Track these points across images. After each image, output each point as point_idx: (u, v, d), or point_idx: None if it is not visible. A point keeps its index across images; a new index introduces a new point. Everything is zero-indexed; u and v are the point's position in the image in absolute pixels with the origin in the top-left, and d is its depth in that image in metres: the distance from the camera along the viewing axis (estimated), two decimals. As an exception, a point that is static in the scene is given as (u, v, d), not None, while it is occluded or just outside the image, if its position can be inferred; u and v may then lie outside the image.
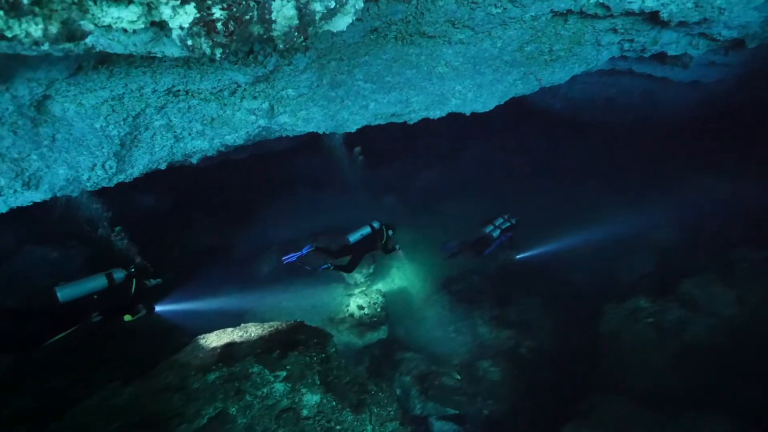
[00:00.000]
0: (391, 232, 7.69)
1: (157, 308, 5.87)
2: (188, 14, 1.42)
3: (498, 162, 14.80)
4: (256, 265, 10.23)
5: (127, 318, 4.92)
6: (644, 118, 12.16)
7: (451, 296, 9.84)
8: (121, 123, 3.85)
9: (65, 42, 1.35)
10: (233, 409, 4.28)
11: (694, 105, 10.92)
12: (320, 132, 5.55)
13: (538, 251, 10.29)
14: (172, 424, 4.07)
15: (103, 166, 4.19)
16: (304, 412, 4.44)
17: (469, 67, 5.22)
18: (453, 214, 12.53)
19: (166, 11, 1.41)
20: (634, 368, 7.21)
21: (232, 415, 4.24)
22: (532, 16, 4.44)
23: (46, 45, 1.32)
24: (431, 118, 6.08)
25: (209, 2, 1.44)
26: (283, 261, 7.15)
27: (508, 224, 9.10)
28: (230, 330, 5.47)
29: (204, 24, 1.45)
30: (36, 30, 1.24)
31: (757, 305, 7.22)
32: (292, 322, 5.60)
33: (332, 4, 1.84)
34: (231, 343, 5.12)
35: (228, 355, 4.86)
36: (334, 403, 4.58)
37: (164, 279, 5.72)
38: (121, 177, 4.60)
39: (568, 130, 14.23)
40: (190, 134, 4.55)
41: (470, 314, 9.34)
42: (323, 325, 8.00)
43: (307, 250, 7.03)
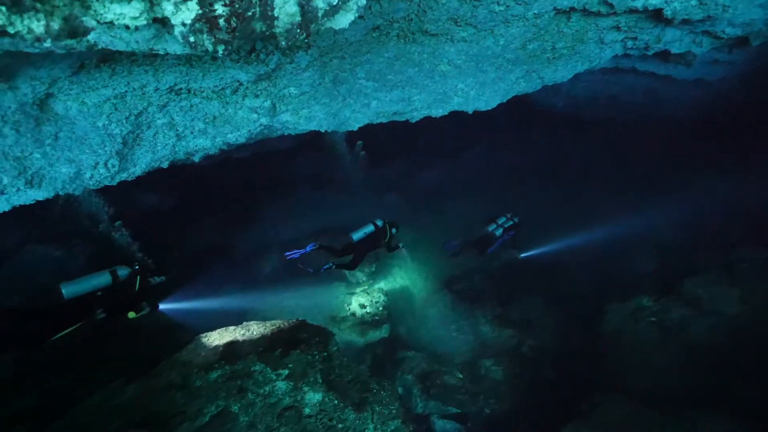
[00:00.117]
0: (394, 230, 7.67)
1: (160, 306, 5.88)
2: (190, 11, 1.41)
3: (500, 160, 14.78)
4: (258, 264, 10.24)
5: (131, 315, 4.93)
6: (647, 116, 12.11)
7: (453, 295, 9.84)
8: (124, 121, 3.85)
9: (67, 38, 1.35)
10: (235, 407, 4.29)
11: (697, 103, 10.86)
12: (322, 130, 5.54)
13: (542, 250, 10.25)
14: (175, 422, 4.08)
15: (105, 164, 4.19)
16: (306, 411, 4.45)
17: (472, 65, 5.20)
18: (455, 212, 12.53)
19: (168, 8, 1.40)
20: (636, 368, 7.19)
21: (235, 413, 4.25)
22: (534, 13, 4.42)
23: (48, 41, 1.31)
24: (433, 116, 6.06)
25: (211, -1, 1.42)
26: (286, 257, 7.15)
27: (511, 223, 9.08)
28: (232, 328, 5.48)
29: (206, 20, 1.44)
30: (38, 26, 1.24)
31: (760, 305, 7.18)
32: (294, 321, 5.61)
33: (334, 1, 1.83)
34: (233, 342, 5.13)
35: (230, 354, 4.87)
36: (336, 402, 4.58)
37: (168, 277, 5.72)
38: (124, 175, 4.60)
39: (571, 129, 14.19)
40: (192, 133, 4.55)
41: (472, 313, 9.34)
42: (325, 323, 8.01)
43: (311, 248, 7.01)
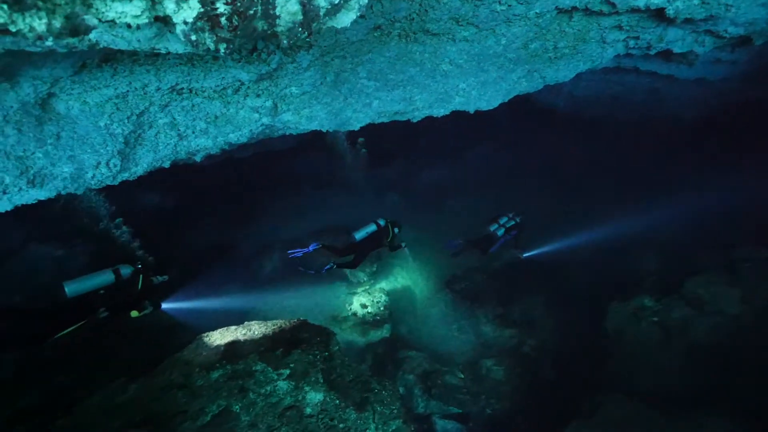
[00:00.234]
0: (396, 230, 7.67)
1: (162, 305, 5.89)
2: (192, 9, 1.40)
3: (502, 160, 14.78)
4: (259, 264, 10.25)
5: (134, 314, 4.93)
6: (649, 116, 12.08)
7: (454, 295, 9.84)
8: (125, 121, 3.85)
9: (69, 37, 1.34)
10: (237, 407, 4.29)
11: (699, 103, 10.84)
12: (323, 130, 5.54)
13: (544, 250, 10.24)
14: (176, 421, 4.08)
15: (107, 164, 4.19)
16: (308, 410, 4.45)
17: (473, 65, 5.19)
18: (456, 212, 12.54)
19: (170, 6, 1.40)
20: (638, 368, 7.18)
21: (236, 413, 4.25)
22: (536, 13, 4.41)
23: (50, 40, 1.31)
24: (435, 116, 6.05)
25: (213, -3, 1.42)
26: (289, 254, 7.18)
27: (513, 223, 9.07)
28: (234, 328, 5.48)
29: (208, 19, 1.44)
30: (40, 24, 1.24)
31: (762, 305, 7.17)
32: (296, 321, 5.61)
33: (336, 0, 1.83)
34: (234, 341, 5.13)
35: (232, 353, 4.88)
36: (338, 402, 4.58)
37: (169, 276, 5.73)
38: (126, 175, 4.60)
39: (572, 128, 14.18)
40: (193, 132, 4.55)
41: (473, 313, 9.34)
42: (326, 323, 8.01)
43: (314, 247, 7.02)
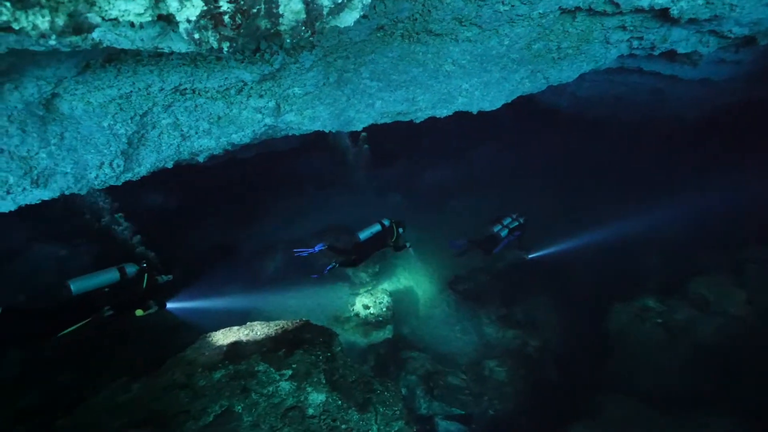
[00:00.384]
0: (401, 230, 7.65)
1: (167, 305, 5.88)
2: (195, 7, 1.40)
3: (505, 161, 14.76)
4: (262, 264, 10.26)
5: (139, 313, 4.93)
6: (652, 116, 12.04)
7: (457, 295, 9.82)
8: (129, 121, 3.86)
9: (72, 35, 1.34)
10: (239, 407, 4.29)
11: (703, 103, 10.79)
12: (326, 131, 5.54)
13: (549, 251, 10.20)
14: (179, 421, 4.09)
15: (110, 164, 4.20)
16: (310, 411, 4.44)
17: (476, 65, 5.18)
18: (459, 212, 12.53)
19: (173, 4, 1.39)
20: (642, 368, 7.15)
21: (238, 413, 4.25)
22: (540, 13, 4.40)
23: (53, 38, 1.31)
24: (438, 116, 6.04)
25: (216, -5, 1.41)
26: (294, 253, 7.21)
27: (516, 224, 9.05)
28: (236, 328, 5.49)
29: (211, 17, 1.43)
30: (43, 22, 1.24)
31: (767, 306, 7.13)
32: (298, 321, 5.60)
33: None
34: (237, 342, 5.13)
35: (234, 353, 4.88)
36: (340, 402, 4.58)
37: (174, 276, 5.74)
38: (129, 175, 4.60)
39: (576, 129, 14.15)
40: (196, 133, 4.56)
41: (476, 313, 9.32)
42: (328, 324, 8.02)
43: (319, 248, 7.01)
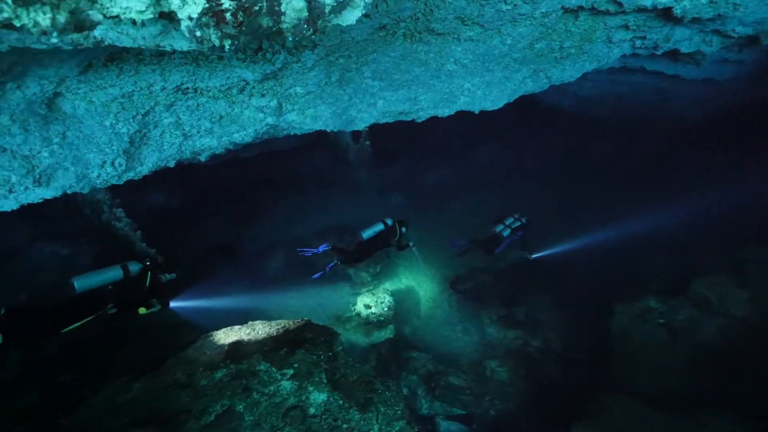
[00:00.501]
0: (404, 229, 7.65)
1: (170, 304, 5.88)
2: (197, 4, 1.39)
3: (507, 160, 14.74)
4: (263, 263, 10.27)
5: (142, 311, 4.94)
6: (655, 116, 12.01)
7: (458, 295, 9.81)
8: (131, 120, 3.87)
9: (74, 32, 1.34)
10: (240, 407, 4.29)
11: (705, 103, 10.75)
12: (328, 130, 5.54)
13: (553, 251, 10.17)
14: (180, 420, 4.09)
15: (112, 163, 4.20)
16: (311, 411, 4.44)
17: (479, 65, 5.17)
18: (461, 212, 12.52)
19: (174, 1, 1.38)
20: (644, 369, 7.13)
21: (240, 413, 4.25)
22: (542, 12, 4.38)
23: (55, 35, 1.31)
24: (440, 116, 6.04)
25: (218, -7, 1.40)
26: (298, 252, 7.23)
27: (519, 223, 9.03)
28: (238, 328, 5.49)
29: (213, 14, 1.43)
30: (44, 19, 1.23)
31: (771, 306, 7.11)
32: (299, 321, 5.60)
33: (342, -2, 1.82)
34: (238, 341, 5.13)
35: (235, 353, 4.88)
36: (341, 402, 4.57)
37: (177, 275, 5.75)
38: (131, 174, 4.61)
39: (578, 128, 14.12)
40: (198, 132, 4.56)
41: (477, 313, 9.31)
42: (330, 323, 8.01)
43: (323, 248, 7.00)
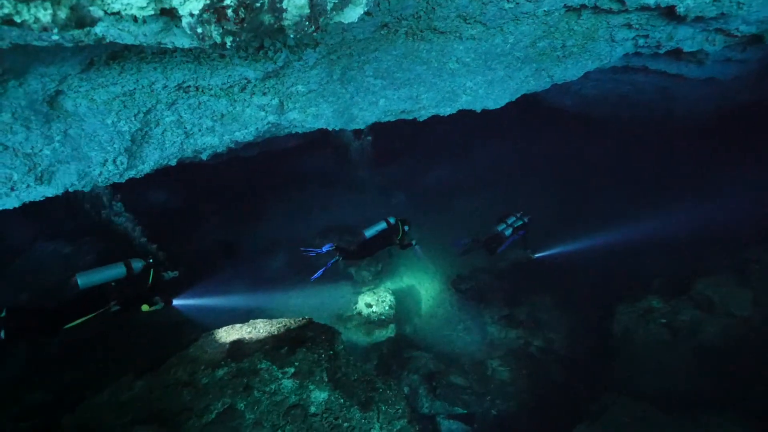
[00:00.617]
0: (407, 228, 7.65)
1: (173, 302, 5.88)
2: (198, 1, 1.39)
3: (509, 159, 14.71)
4: (265, 262, 10.28)
5: (145, 308, 4.95)
6: (657, 115, 11.97)
7: (460, 294, 9.81)
8: (132, 119, 3.87)
9: (74, 29, 1.34)
10: (241, 405, 4.29)
11: (709, 102, 10.71)
12: (330, 128, 5.53)
13: (555, 251, 10.16)
14: (182, 418, 4.09)
15: (114, 161, 4.20)
16: (312, 409, 4.44)
17: (481, 64, 5.16)
18: (463, 211, 12.50)
19: (175, -3, 1.39)
20: (646, 369, 7.12)
21: (241, 411, 4.25)
22: (544, 11, 4.37)
23: (56, 32, 1.31)
24: (441, 115, 6.02)
25: (219, -11, 1.40)
26: (302, 252, 7.25)
27: (521, 223, 9.02)
28: (239, 326, 5.49)
29: (214, 11, 1.42)
30: (45, 15, 1.23)
31: (773, 306, 7.08)
32: (301, 319, 5.60)
33: (343, -5, 1.81)
34: (240, 340, 5.13)
35: (237, 351, 4.88)
36: (342, 401, 4.57)
37: (180, 273, 5.77)
38: (132, 173, 4.61)
39: (580, 127, 14.09)
40: (200, 130, 4.57)
41: (479, 313, 9.31)
42: (331, 322, 8.01)
43: (327, 248, 7.00)
